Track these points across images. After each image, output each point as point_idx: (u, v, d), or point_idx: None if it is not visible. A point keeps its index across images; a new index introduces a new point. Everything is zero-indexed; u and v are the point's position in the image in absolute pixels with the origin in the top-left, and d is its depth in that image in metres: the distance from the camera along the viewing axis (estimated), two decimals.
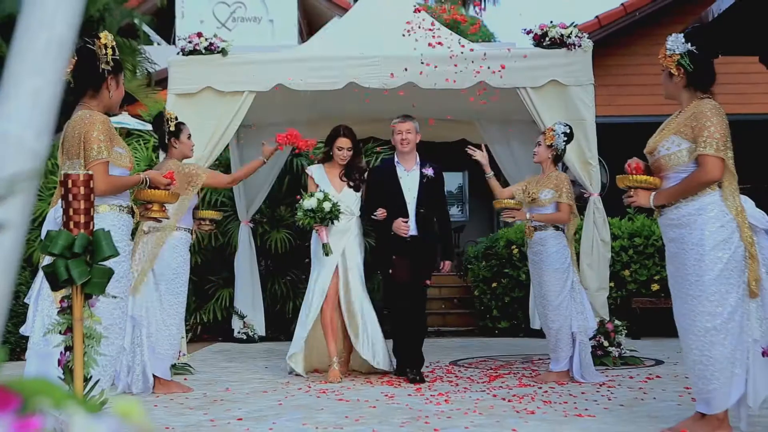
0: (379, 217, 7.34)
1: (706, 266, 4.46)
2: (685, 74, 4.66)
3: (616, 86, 12.90)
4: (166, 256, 6.65)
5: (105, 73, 4.61)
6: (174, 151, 6.93)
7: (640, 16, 12.86)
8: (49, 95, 1.35)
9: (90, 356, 3.28)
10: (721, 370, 4.47)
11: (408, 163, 7.50)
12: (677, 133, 4.60)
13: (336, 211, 7.28)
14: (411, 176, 7.47)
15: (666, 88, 4.79)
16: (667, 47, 4.67)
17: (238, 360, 8.77)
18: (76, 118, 4.51)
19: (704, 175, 4.48)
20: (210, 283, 10.87)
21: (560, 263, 7.11)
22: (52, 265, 3.28)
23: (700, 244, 4.48)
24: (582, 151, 8.06)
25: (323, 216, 7.24)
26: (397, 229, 7.28)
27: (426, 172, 7.43)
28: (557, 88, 8.09)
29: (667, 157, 4.60)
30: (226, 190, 10.84)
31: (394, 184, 7.42)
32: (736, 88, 12.31)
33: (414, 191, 7.41)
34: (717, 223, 4.49)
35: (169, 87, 8.32)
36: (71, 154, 4.48)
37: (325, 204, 7.23)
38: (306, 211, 7.27)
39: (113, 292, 3.72)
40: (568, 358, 7.17)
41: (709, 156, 4.47)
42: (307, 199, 7.30)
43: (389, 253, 7.36)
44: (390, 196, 7.40)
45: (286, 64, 8.33)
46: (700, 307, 4.48)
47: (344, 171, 7.69)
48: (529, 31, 8.27)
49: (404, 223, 7.28)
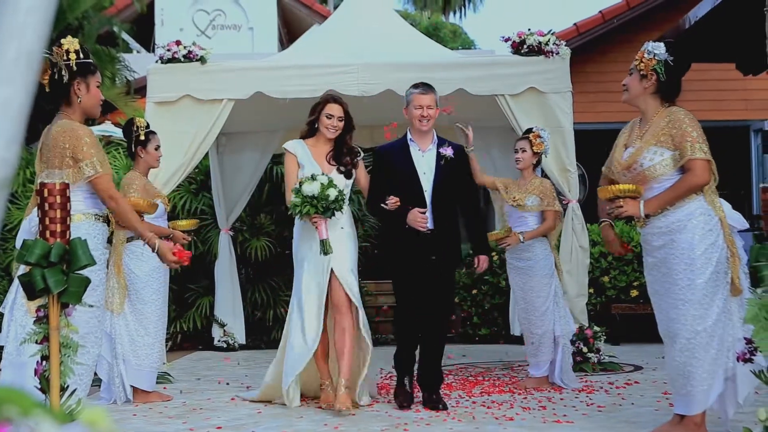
0: (391, 206, 6.04)
1: (697, 270, 4.53)
2: (657, 81, 4.71)
3: (595, 93, 12.96)
4: (131, 266, 6.59)
5: (69, 80, 4.54)
6: (140, 161, 6.87)
7: (617, 23, 12.93)
8: (19, 105, 1.36)
9: (67, 365, 3.28)
10: (707, 371, 4.54)
11: (424, 142, 6.26)
12: (657, 144, 4.64)
13: (341, 200, 6.07)
14: (427, 157, 6.24)
15: (631, 90, 4.81)
16: (647, 50, 4.70)
17: (219, 368, 8.75)
18: (57, 129, 4.49)
19: (696, 178, 4.54)
20: (190, 291, 10.84)
21: (548, 269, 7.18)
22: (28, 274, 3.28)
23: (691, 249, 4.54)
24: (560, 157, 8.10)
25: (326, 205, 6.00)
26: (413, 221, 6.00)
27: (444, 152, 6.20)
28: (535, 96, 8.13)
29: (652, 168, 4.64)
30: (205, 197, 10.82)
31: (408, 166, 6.18)
32: (713, 94, 12.40)
33: (431, 175, 6.17)
34: (706, 227, 4.57)
35: (148, 95, 8.31)
36: (51, 164, 4.46)
37: (330, 191, 5.99)
38: (306, 198, 6.01)
39: (89, 301, 3.71)
40: (548, 363, 7.20)
41: (699, 160, 4.54)
42: (308, 182, 6.02)
43: (400, 251, 6.16)
44: (403, 181, 6.15)
45: (265, 72, 8.34)
46: (692, 311, 4.53)
47: (333, 152, 6.41)
48: (507, 39, 8.30)
49: (422, 213, 6.04)
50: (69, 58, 4.47)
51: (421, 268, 6.09)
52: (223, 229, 10.24)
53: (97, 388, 6.68)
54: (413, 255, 6.08)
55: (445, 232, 6.13)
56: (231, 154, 10.26)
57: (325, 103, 6.38)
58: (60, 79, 4.53)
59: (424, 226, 6.01)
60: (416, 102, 6.21)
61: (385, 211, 6.12)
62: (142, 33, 18.85)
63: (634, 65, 4.80)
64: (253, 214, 10.99)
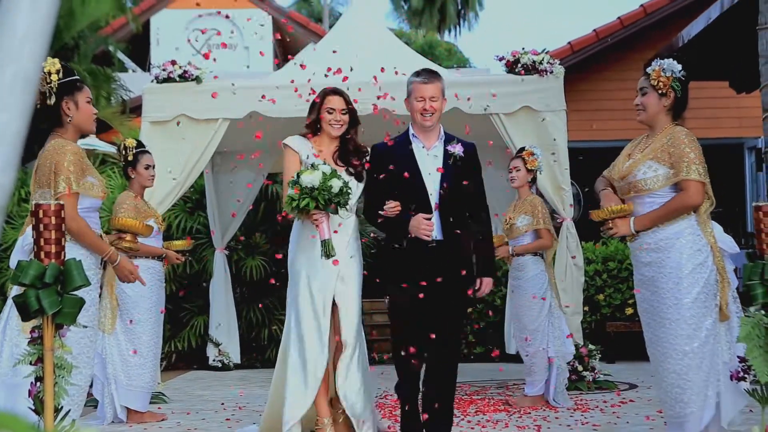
0: (391, 212, 5.12)
1: (684, 289, 4.52)
2: (674, 99, 4.71)
3: (589, 111, 13.01)
4: (123, 286, 6.54)
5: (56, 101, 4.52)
6: (132, 181, 6.90)
7: (611, 41, 13.00)
8: (15, 130, 1.37)
9: (61, 387, 3.27)
10: (698, 394, 4.52)
11: (429, 139, 5.30)
12: (654, 159, 4.65)
13: (347, 194, 5.17)
14: (433, 156, 5.27)
15: (649, 109, 4.73)
16: (663, 68, 4.70)
17: (214, 388, 8.73)
18: (48, 148, 4.50)
19: (688, 199, 4.55)
20: (185, 310, 10.82)
21: (538, 288, 7.17)
22: (23, 295, 3.28)
23: (678, 268, 4.54)
24: (554, 175, 8.12)
25: (329, 198, 5.07)
26: (416, 229, 5.05)
27: (453, 150, 5.24)
28: (530, 114, 8.15)
29: (644, 182, 4.65)
30: (200, 216, 10.83)
31: (410, 166, 5.21)
32: (707, 112, 12.45)
33: (437, 177, 5.21)
34: (694, 247, 4.56)
35: (143, 114, 8.33)
36: (42, 183, 4.46)
37: (334, 181, 5.09)
38: (304, 189, 5.09)
39: (82, 321, 3.70)
40: (544, 382, 7.20)
41: (693, 181, 4.54)
42: (307, 172, 5.12)
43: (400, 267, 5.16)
44: (405, 183, 5.18)
45: (260, 92, 8.35)
46: (679, 331, 4.53)
47: (339, 150, 5.59)
48: (501, 58, 8.34)
49: (427, 220, 5.11)
50: (51, 80, 4.46)
51: (425, 288, 5.08)
52: (218, 249, 10.24)
53: (92, 409, 6.66)
54: (416, 272, 5.09)
55: (455, 245, 5.17)
56: (226, 173, 10.27)
57: (324, 97, 5.64)
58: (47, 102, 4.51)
59: (429, 234, 5.07)
60: (417, 93, 5.24)
61: (385, 220, 5.19)
62: (137, 52, 18.91)
63: (648, 84, 4.75)
64: (248, 233, 10.99)
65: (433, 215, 5.11)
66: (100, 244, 4.54)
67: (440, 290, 5.07)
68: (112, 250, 4.61)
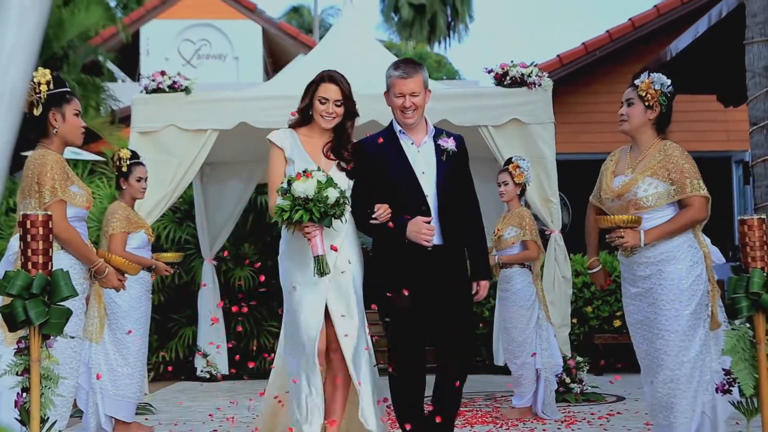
0: (381, 218, 4.68)
1: (685, 301, 4.56)
2: (659, 113, 4.74)
3: (578, 123, 13.06)
4: (112, 295, 6.49)
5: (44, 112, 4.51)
6: (124, 192, 6.88)
7: (600, 55, 13.06)
8: (2, 143, 1.37)
9: (47, 397, 3.27)
10: (690, 403, 4.55)
11: (417, 134, 4.89)
12: (653, 176, 4.68)
13: (344, 204, 4.63)
14: (424, 152, 4.86)
15: (633, 120, 4.76)
16: (653, 81, 4.73)
17: (201, 399, 8.71)
18: (30, 158, 4.49)
19: (696, 214, 4.60)
20: (173, 321, 10.80)
21: (525, 300, 7.18)
22: (9, 305, 3.28)
23: (679, 280, 4.57)
24: (543, 188, 8.15)
25: (325, 210, 4.54)
26: (416, 233, 4.64)
27: (445, 145, 4.84)
28: (518, 127, 8.18)
29: (645, 199, 4.67)
30: (189, 227, 10.82)
31: (402, 165, 4.79)
32: (695, 125, 12.51)
33: (432, 174, 4.80)
34: (693, 258, 4.62)
35: (132, 125, 8.33)
36: (25, 194, 4.46)
37: (330, 191, 4.55)
38: (297, 200, 4.54)
39: (67, 331, 3.69)
40: (531, 393, 7.20)
41: (698, 196, 4.60)
42: (301, 180, 4.56)
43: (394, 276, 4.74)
44: (397, 184, 4.76)
45: (249, 102, 8.37)
46: (678, 342, 4.56)
47: (332, 143, 4.99)
48: (490, 71, 8.37)
49: (427, 224, 4.71)
50: (40, 91, 4.46)
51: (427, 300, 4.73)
52: (206, 259, 10.23)
53: (78, 420, 6.64)
54: (413, 281, 4.70)
55: (455, 249, 4.81)
56: (215, 183, 10.27)
57: (318, 84, 4.95)
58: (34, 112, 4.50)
59: (430, 240, 4.66)
60: (396, 89, 4.81)
61: (374, 226, 4.73)
62: (127, 62, 18.92)
63: (635, 95, 4.77)
64: (237, 243, 10.99)
65: (432, 218, 4.72)
66: (88, 254, 4.53)
67: (442, 298, 4.72)
68: (101, 262, 4.59)
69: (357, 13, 9.84)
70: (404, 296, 4.69)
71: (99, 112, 13.94)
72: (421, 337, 4.76)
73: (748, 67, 6.93)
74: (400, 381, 4.83)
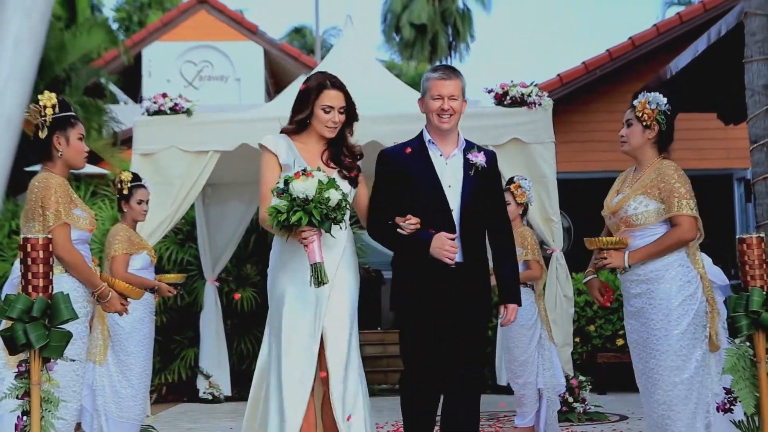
0: (409, 228, 4.51)
1: (674, 321, 4.55)
2: (658, 132, 4.76)
3: (579, 142, 13.08)
4: (116, 316, 6.50)
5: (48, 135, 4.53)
6: (125, 214, 6.90)
7: (600, 74, 13.08)
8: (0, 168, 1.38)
9: (47, 420, 3.27)
10: (687, 425, 4.53)
11: (447, 146, 4.72)
12: (645, 194, 4.69)
13: (344, 209, 4.28)
14: (452, 165, 4.69)
15: (632, 141, 4.79)
16: (649, 100, 4.75)
17: (203, 421, 8.69)
18: (34, 182, 4.52)
19: (683, 234, 4.59)
20: (175, 342, 10.79)
21: (527, 320, 7.16)
22: (10, 329, 3.29)
23: (668, 299, 4.56)
24: (544, 207, 8.15)
25: (325, 212, 4.18)
26: (439, 249, 4.47)
27: (475, 160, 4.66)
28: (518, 146, 8.20)
29: (635, 216, 4.68)
30: (191, 248, 10.82)
31: (429, 177, 4.62)
32: (696, 144, 12.52)
33: (458, 188, 4.63)
34: (684, 278, 4.60)
35: (134, 147, 8.36)
36: (28, 218, 4.48)
37: (331, 192, 4.19)
38: (294, 201, 4.17)
39: (69, 355, 3.70)
40: (534, 413, 7.19)
41: (686, 216, 4.58)
42: (300, 180, 4.18)
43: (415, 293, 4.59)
44: (422, 196, 4.59)
45: (251, 124, 8.39)
46: (669, 362, 4.54)
47: (330, 150, 4.68)
48: (490, 90, 8.39)
49: (451, 240, 4.52)
50: (45, 114, 4.48)
51: (444, 318, 4.56)
52: (208, 280, 10.23)
53: None
54: (432, 299, 4.54)
55: (477, 268, 4.64)
56: (217, 204, 10.29)
57: (320, 91, 4.61)
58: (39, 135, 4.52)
59: (453, 257, 4.48)
60: (435, 90, 4.64)
61: (395, 238, 4.55)
62: (129, 84, 19.00)
63: (633, 116, 4.80)
64: (239, 265, 10.99)
65: (456, 235, 4.53)
66: (92, 278, 4.54)
67: (460, 319, 4.56)
68: (104, 286, 4.60)
69: (357, 34, 9.89)
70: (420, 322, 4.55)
71: (101, 134, 13.97)
72: (436, 354, 4.57)
73: (748, 86, 6.95)
74: (411, 398, 4.69)
